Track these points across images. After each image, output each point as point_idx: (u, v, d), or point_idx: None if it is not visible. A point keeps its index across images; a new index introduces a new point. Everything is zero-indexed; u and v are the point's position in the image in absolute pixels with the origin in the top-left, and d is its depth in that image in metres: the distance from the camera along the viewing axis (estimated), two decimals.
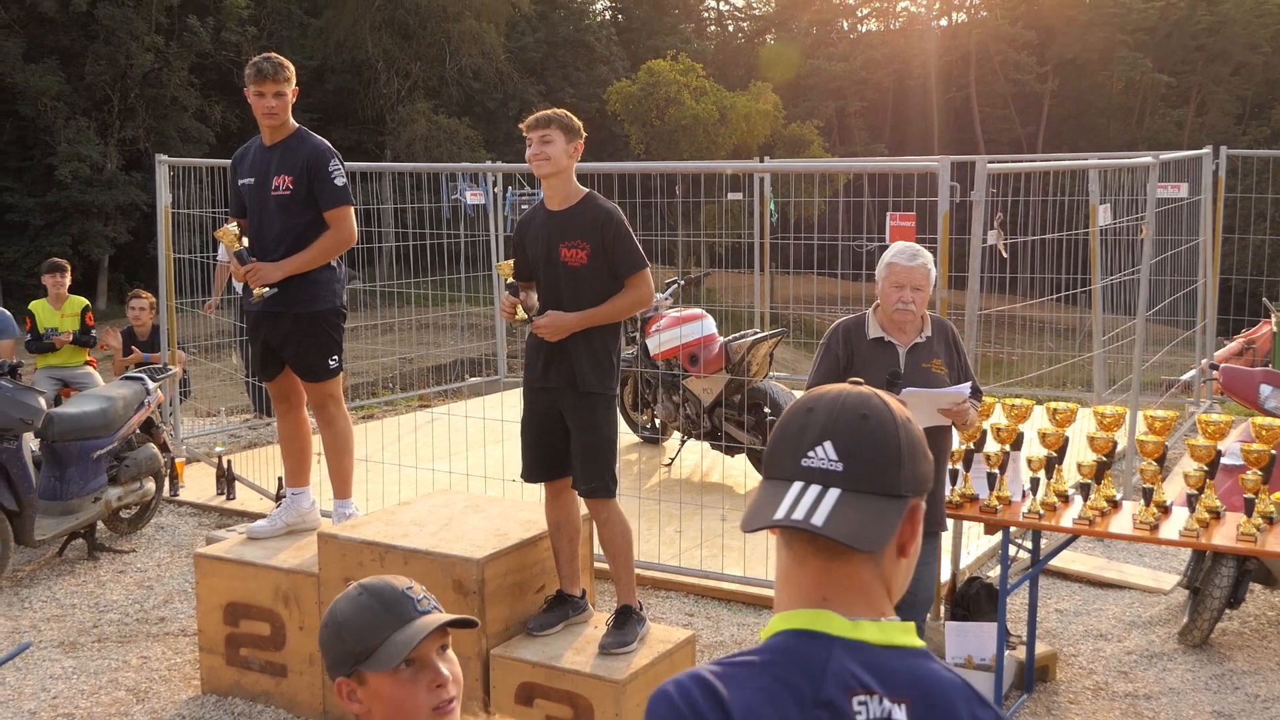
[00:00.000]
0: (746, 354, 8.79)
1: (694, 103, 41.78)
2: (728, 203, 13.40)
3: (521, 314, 5.07)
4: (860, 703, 1.63)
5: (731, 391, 8.84)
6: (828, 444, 1.68)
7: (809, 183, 17.86)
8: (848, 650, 1.66)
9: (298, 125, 6.00)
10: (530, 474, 5.18)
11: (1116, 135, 51.37)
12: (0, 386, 7.06)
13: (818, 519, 1.61)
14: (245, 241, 5.78)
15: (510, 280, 5.15)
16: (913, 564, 1.75)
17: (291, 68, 5.95)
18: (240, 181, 5.99)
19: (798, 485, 1.66)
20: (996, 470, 5.18)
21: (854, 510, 1.63)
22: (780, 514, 1.65)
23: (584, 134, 5.06)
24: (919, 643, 1.71)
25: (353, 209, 5.94)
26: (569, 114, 5.04)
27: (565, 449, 5.08)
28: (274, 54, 6.01)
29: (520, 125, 5.05)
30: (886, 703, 1.63)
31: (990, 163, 6.41)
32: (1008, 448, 5.25)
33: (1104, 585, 7.11)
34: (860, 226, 11.61)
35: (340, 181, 5.87)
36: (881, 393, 1.78)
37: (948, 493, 5.24)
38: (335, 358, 6.01)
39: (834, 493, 1.64)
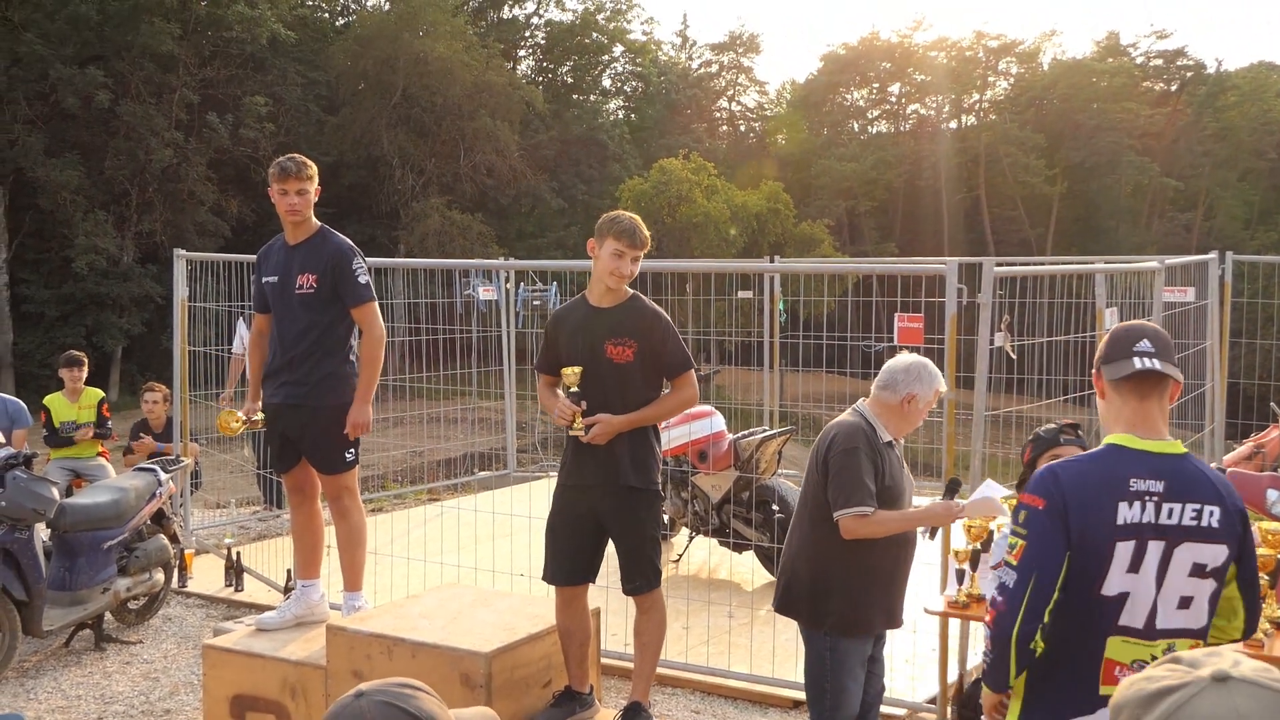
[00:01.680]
0: (755, 451, 8.83)
1: (705, 201, 42.25)
2: (738, 300, 13.52)
3: (579, 425, 5.02)
4: (1135, 480, 2.98)
5: (740, 489, 8.86)
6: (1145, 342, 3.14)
7: (819, 282, 18.02)
8: (1138, 455, 3.05)
9: (320, 224, 6.13)
10: (554, 574, 5.16)
11: (1125, 238, 51.72)
12: (15, 477, 7.11)
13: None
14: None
15: (574, 389, 5.08)
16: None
17: (314, 167, 6.09)
18: (264, 280, 6.11)
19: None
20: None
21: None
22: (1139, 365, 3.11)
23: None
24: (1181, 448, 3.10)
25: (377, 304, 6.06)
26: (649, 237, 5.11)
27: (593, 555, 5.11)
28: (297, 154, 6.14)
29: (621, 242, 4.99)
30: (1152, 482, 2.99)
31: (998, 265, 6.49)
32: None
33: None
34: (869, 326, 11.71)
35: (364, 279, 5.99)
36: None
37: (954, 592, 5.24)
38: (352, 450, 6.07)
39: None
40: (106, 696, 6.86)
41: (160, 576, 8.14)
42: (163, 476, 8.20)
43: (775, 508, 8.72)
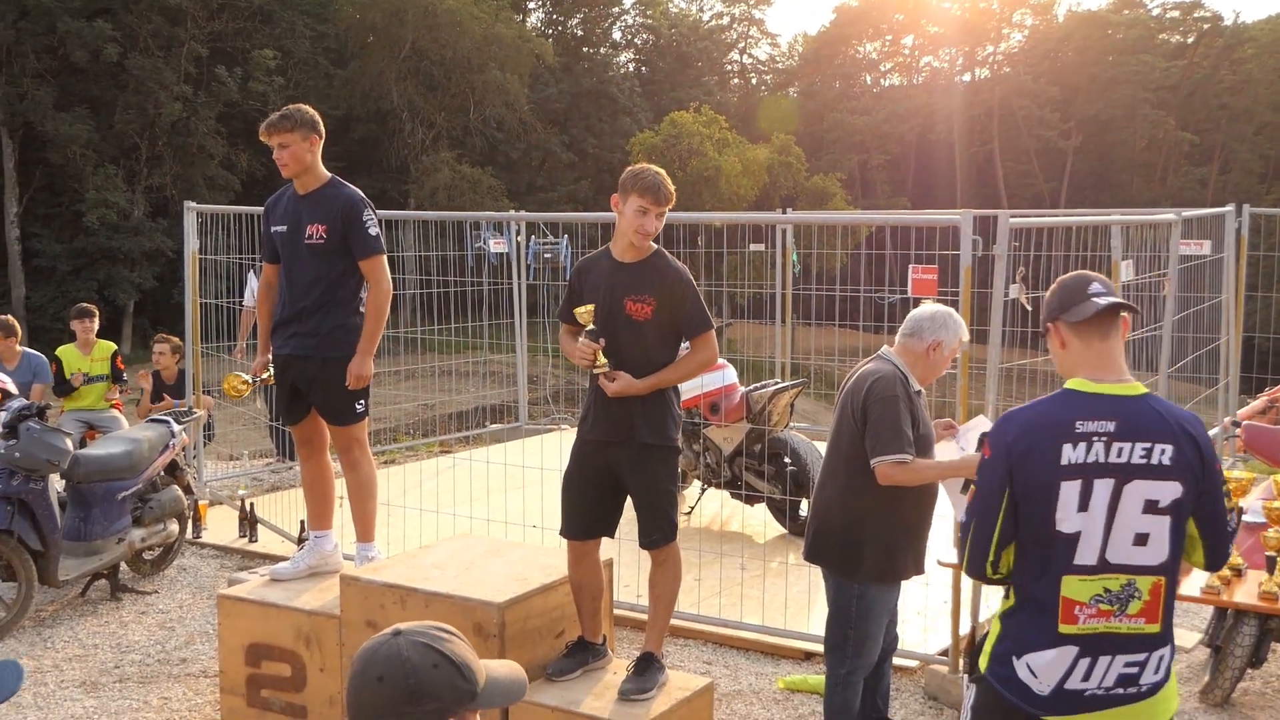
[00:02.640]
0: (768, 404, 8.82)
1: (716, 154, 42.07)
2: (750, 254, 13.48)
3: (602, 360, 4.94)
4: (1081, 422, 3.12)
5: (752, 441, 8.86)
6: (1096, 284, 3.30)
7: (831, 235, 17.95)
8: (1091, 398, 3.17)
9: (330, 175, 6.08)
10: (570, 528, 5.13)
11: (1140, 192, 51.46)
12: (28, 428, 7.14)
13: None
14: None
15: (591, 326, 5.00)
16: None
17: (299, 118, 5.93)
18: (273, 229, 6.07)
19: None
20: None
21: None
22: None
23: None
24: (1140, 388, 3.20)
25: (385, 257, 6.02)
26: (673, 191, 5.02)
27: (609, 509, 5.09)
28: (291, 106, 6.04)
29: (645, 199, 4.88)
30: (1102, 423, 3.12)
31: (1013, 217, 6.44)
32: None
33: None
34: (882, 279, 11.66)
35: (374, 231, 5.95)
36: None
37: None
38: (362, 402, 6.07)
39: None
40: (123, 645, 6.91)
41: (174, 527, 8.18)
42: (175, 428, 8.22)
43: (787, 460, 8.72)
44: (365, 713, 2.10)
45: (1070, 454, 3.12)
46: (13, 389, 8.05)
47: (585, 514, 5.09)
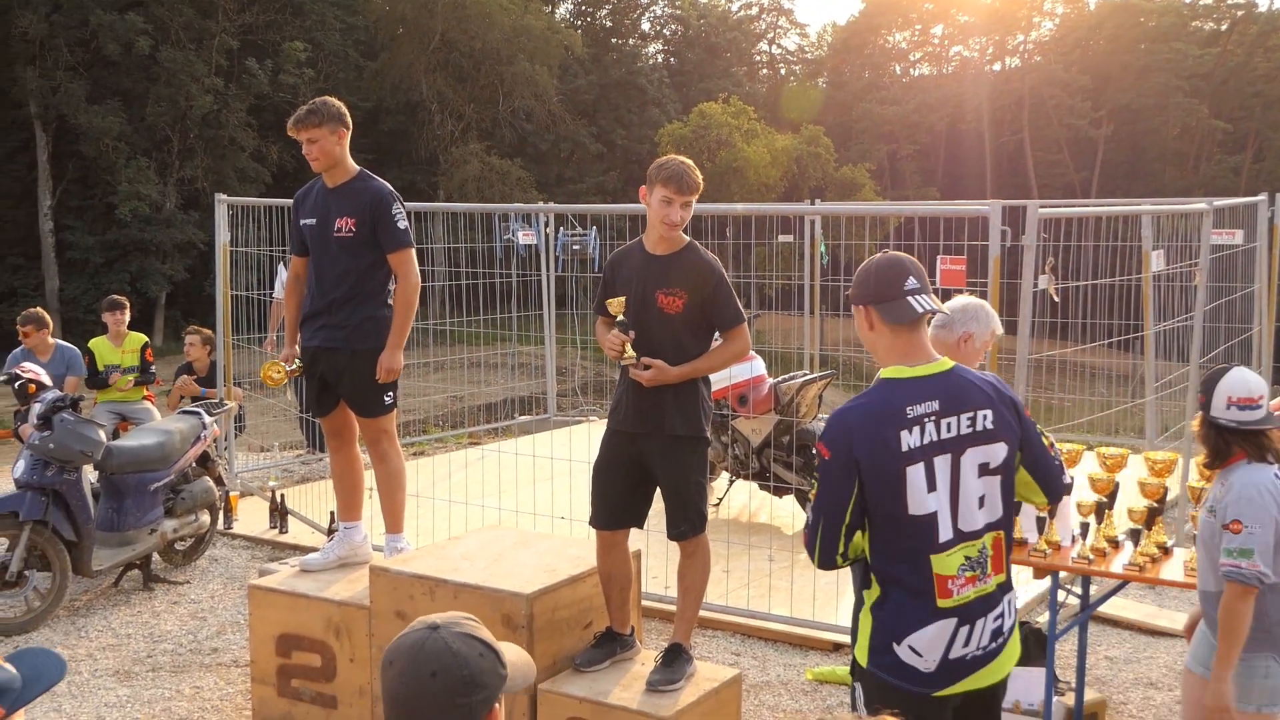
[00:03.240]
0: (796, 395, 8.81)
1: (745, 145, 41.98)
2: (778, 245, 13.44)
3: (630, 353, 4.93)
4: (910, 408, 3.25)
5: (780, 432, 8.85)
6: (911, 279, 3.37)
7: (860, 225, 17.88)
8: (911, 383, 3.31)
9: (359, 168, 6.10)
10: (600, 519, 5.14)
11: (1172, 181, 51.05)
12: (62, 419, 7.21)
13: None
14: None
15: (621, 318, 4.99)
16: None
17: (326, 112, 5.94)
18: (302, 221, 6.10)
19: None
20: (1046, 515, 5.16)
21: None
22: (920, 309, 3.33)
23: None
24: (948, 364, 3.38)
25: (414, 251, 6.04)
26: (699, 181, 5.00)
27: (638, 500, 5.10)
28: (319, 100, 6.04)
29: (669, 188, 4.85)
30: (928, 404, 3.26)
31: (1042, 207, 6.41)
32: None
33: (1154, 633, 7.04)
34: None
35: (402, 224, 5.97)
36: None
37: None
38: (390, 394, 6.09)
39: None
40: (155, 635, 6.97)
41: (206, 518, 8.25)
42: (207, 420, 8.28)
43: (814, 451, 8.70)
44: (422, 709, 2.11)
45: (908, 439, 3.26)
46: (47, 381, 8.12)
47: (614, 504, 5.10)
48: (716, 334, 5.12)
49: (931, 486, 3.27)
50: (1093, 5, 60.94)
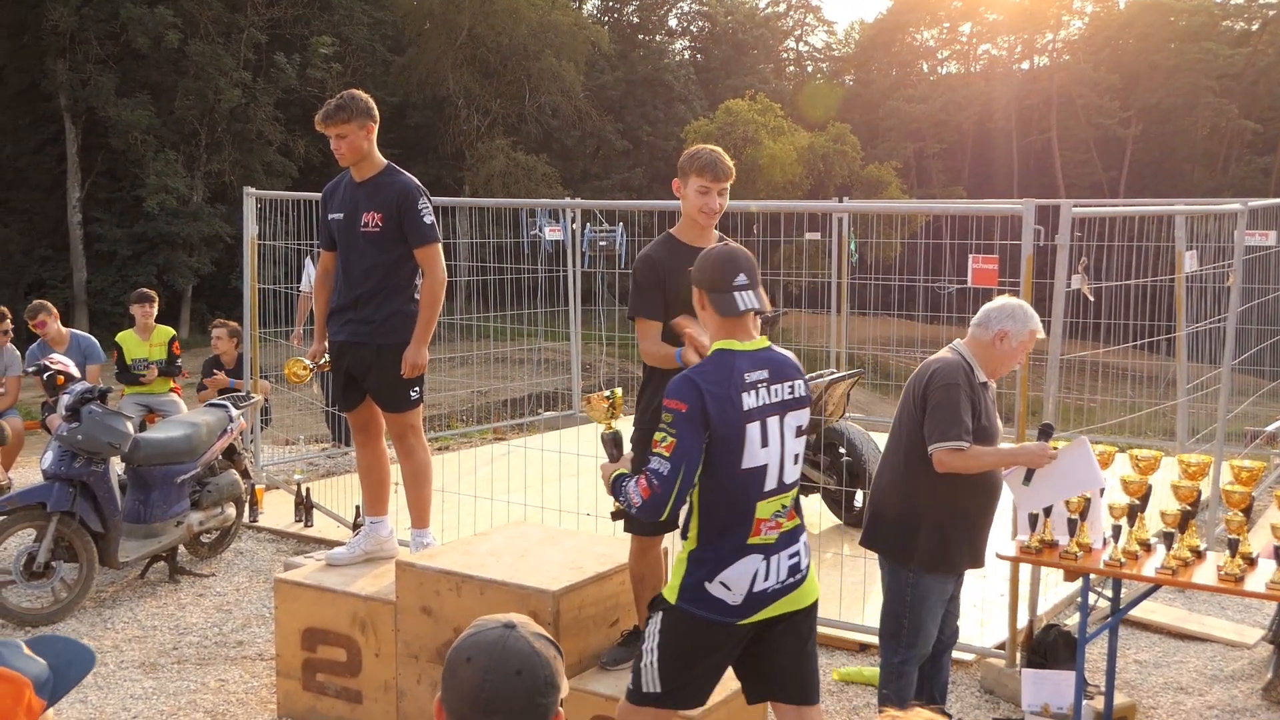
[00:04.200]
0: (823, 394, 8.76)
1: (771, 142, 41.88)
2: (805, 243, 13.40)
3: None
4: (747, 374, 3.78)
5: (807, 431, 8.80)
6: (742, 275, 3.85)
7: (888, 224, 17.80)
8: (743, 354, 3.82)
9: (386, 162, 6.08)
10: (636, 523, 5.07)
11: (1201, 181, 50.70)
12: (90, 411, 7.23)
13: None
14: None
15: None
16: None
17: (355, 107, 5.91)
18: (330, 216, 6.09)
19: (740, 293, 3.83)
20: (1077, 516, 5.11)
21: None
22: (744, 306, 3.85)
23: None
24: (766, 341, 3.93)
25: (440, 246, 6.02)
26: (732, 166, 4.94)
27: None
28: (346, 94, 6.00)
29: (704, 177, 4.80)
30: (760, 372, 3.81)
31: (1075, 206, 6.35)
32: (1089, 494, 5.18)
33: (1185, 637, 6.97)
34: (939, 268, 11.55)
35: (429, 219, 5.96)
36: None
37: (1025, 538, 5.19)
38: (416, 389, 6.08)
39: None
40: (181, 627, 6.99)
41: (232, 511, 8.26)
42: (234, 413, 8.29)
43: (842, 451, 8.66)
44: (502, 707, 2.13)
45: (748, 400, 3.79)
46: (75, 372, 8.16)
47: None
48: None
49: (764, 443, 3.80)
50: (1123, 4, 60.56)
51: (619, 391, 4.42)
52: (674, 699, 3.97)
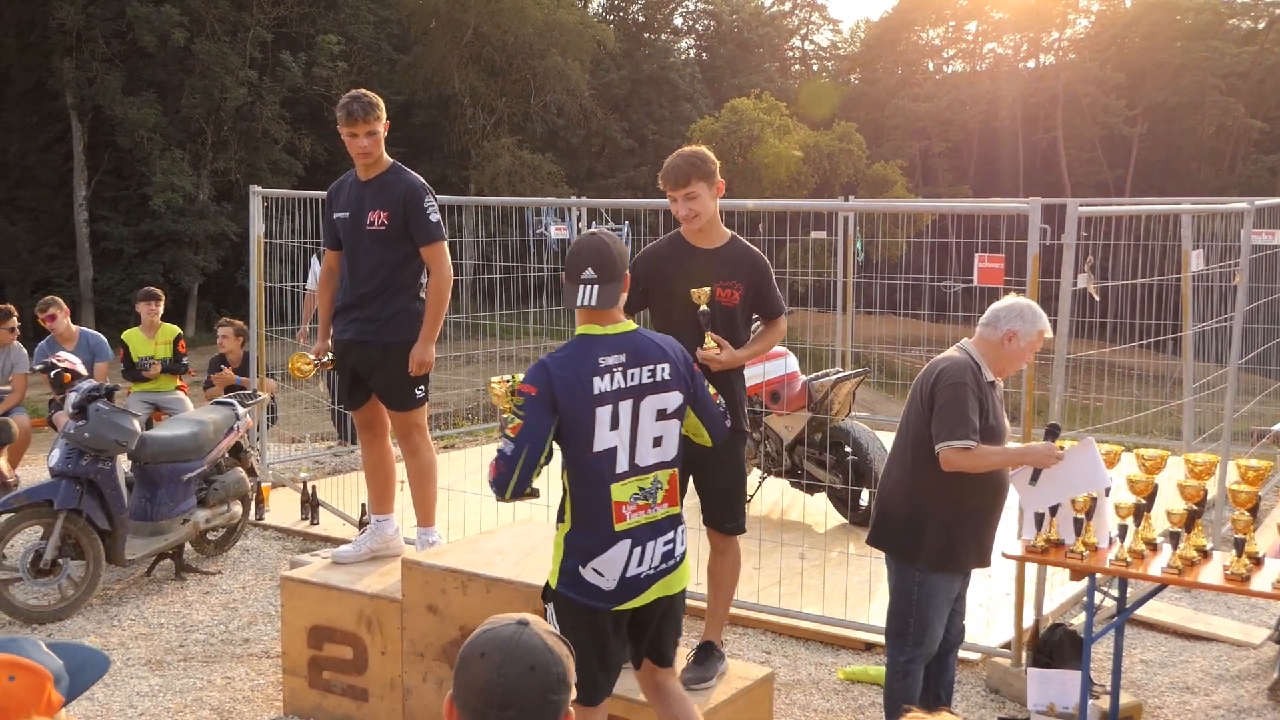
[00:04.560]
0: (829, 393, 8.76)
1: (777, 141, 41.85)
2: (811, 241, 13.39)
3: (711, 343, 4.85)
4: (603, 359, 3.88)
5: (813, 430, 8.81)
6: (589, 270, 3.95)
7: (893, 223, 17.79)
8: (602, 339, 3.95)
9: (392, 161, 6.09)
10: None
11: (1207, 180, 50.61)
12: (97, 409, 7.24)
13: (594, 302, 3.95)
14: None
15: (705, 308, 4.91)
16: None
17: (381, 104, 5.98)
18: (335, 215, 6.10)
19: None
20: (1083, 516, 5.11)
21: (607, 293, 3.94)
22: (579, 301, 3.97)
23: (718, 165, 5.03)
24: (633, 325, 4.04)
25: (446, 244, 6.03)
26: (704, 155, 4.95)
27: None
28: (364, 92, 6.01)
29: (661, 183, 4.94)
30: (617, 356, 3.90)
31: (1081, 205, 6.35)
32: (1095, 493, 5.18)
33: (1191, 637, 6.97)
34: (945, 268, 11.54)
35: (435, 218, 5.96)
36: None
37: (1031, 537, 5.18)
38: (421, 388, 6.09)
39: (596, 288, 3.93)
40: (187, 625, 7.00)
41: (238, 509, 8.28)
42: (240, 410, 8.31)
43: (848, 449, 8.67)
44: (515, 701, 2.14)
45: (599, 385, 3.88)
46: (82, 370, 8.17)
47: None
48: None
49: (614, 425, 3.90)
50: (1129, 2, 60.42)
51: (519, 376, 4.47)
52: (594, 693, 4.02)
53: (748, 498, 9.18)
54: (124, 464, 7.59)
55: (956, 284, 10.52)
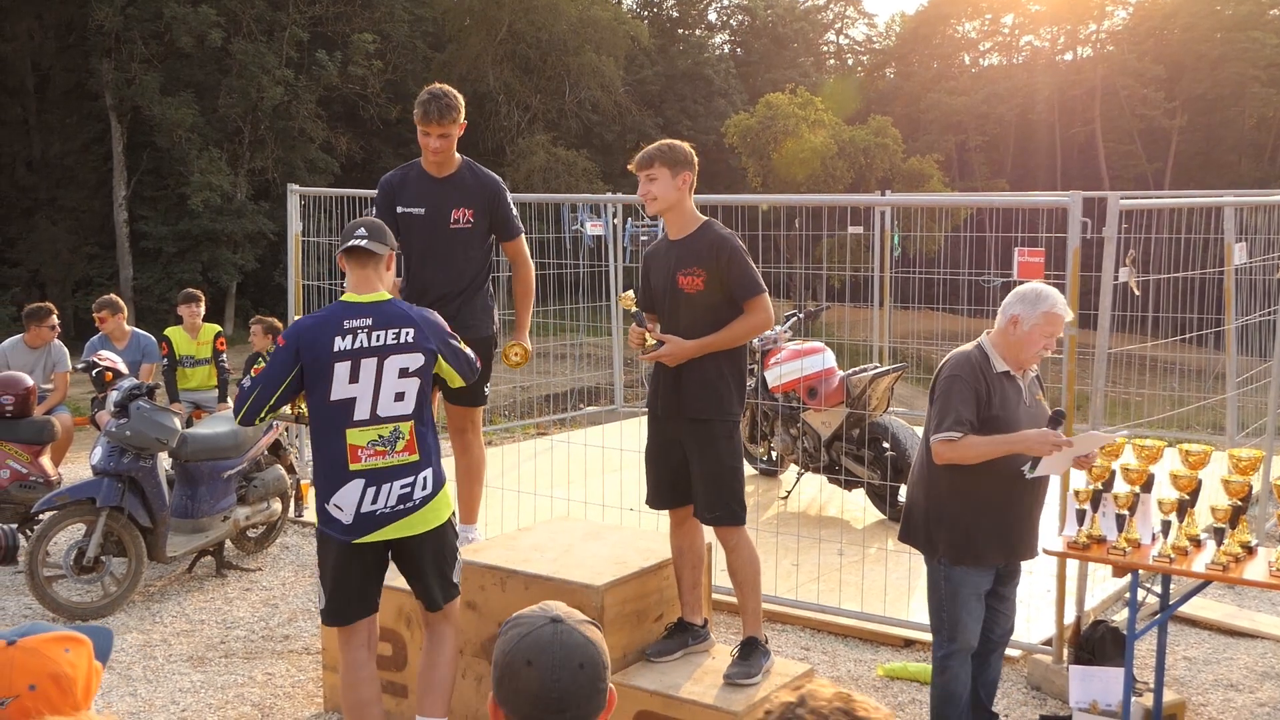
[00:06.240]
0: (867, 388, 8.73)
1: (811, 136, 41.70)
2: (847, 236, 13.35)
3: (651, 342, 5.01)
4: (348, 321, 4.42)
5: (850, 425, 8.77)
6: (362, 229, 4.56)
7: (931, 217, 17.69)
8: (356, 305, 4.49)
9: (462, 157, 6.08)
10: (653, 500, 5.22)
11: (1248, 172, 50.02)
12: (139, 407, 7.30)
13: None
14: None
15: (635, 310, 5.14)
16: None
17: (460, 107, 5.89)
18: (402, 209, 6.03)
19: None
20: (1126, 512, 5.06)
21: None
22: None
23: (694, 161, 5.04)
24: (387, 296, 4.56)
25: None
26: (675, 145, 5.01)
27: (687, 477, 5.08)
28: (444, 92, 5.88)
29: (629, 165, 5.09)
30: (363, 320, 4.44)
31: (1122, 199, 6.29)
32: (1138, 489, 5.13)
33: (1235, 634, 6.89)
34: (983, 262, 11.47)
35: (515, 213, 6.08)
36: None
37: (1073, 533, 5.14)
38: (488, 386, 6.15)
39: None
40: (228, 621, 7.04)
41: (278, 506, 8.32)
42: None
43: (886, 445, 8.62)
44: (572, 701, 2.16)
45: (340, 344, 4.40)
46: (123, 369, 8.24)
47: (661, 484, 5.16)
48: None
49: (354, 379, 4.39)
50: None
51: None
52: (333, 615, 4.63)
53: (784, 494, 9.20)
54: (165, 462, 7.65)
55: (995, 278, 10.44)
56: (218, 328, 10.79)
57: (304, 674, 6.28)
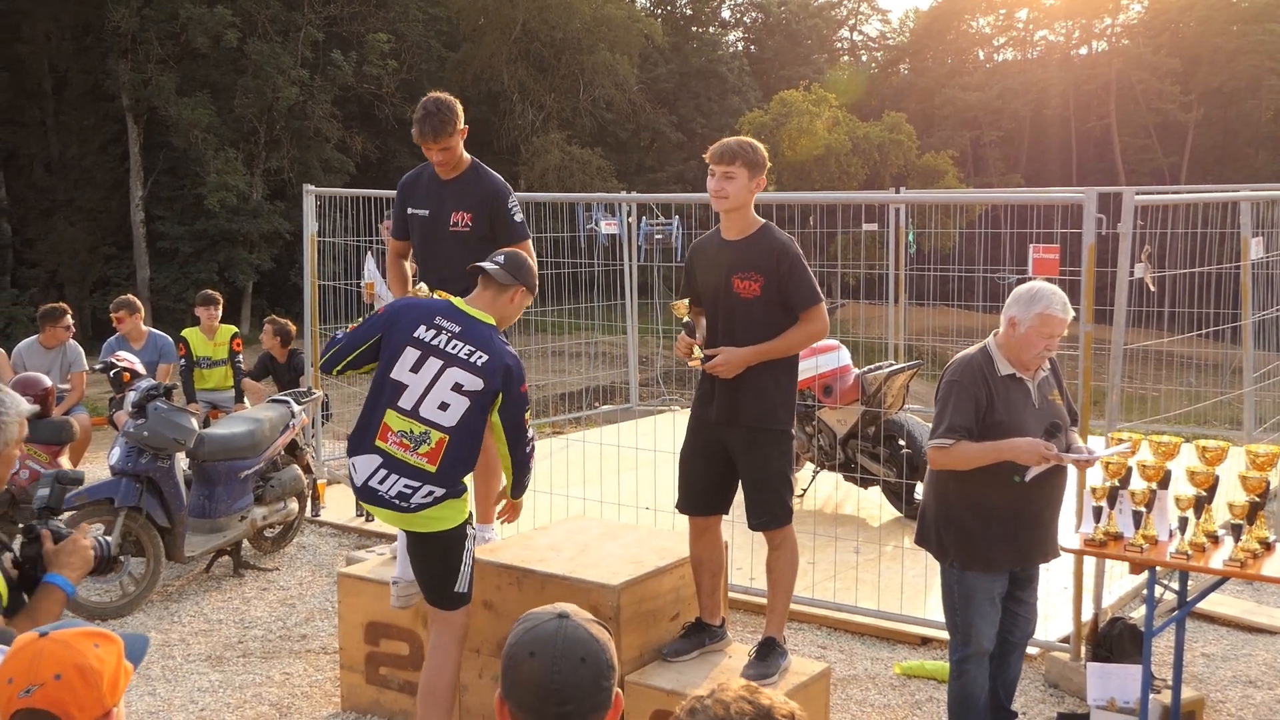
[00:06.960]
0: (883, 385, 8.71)
1: (826, 133, 41.63)
2: (862, 233, 13.34)
3: (698, 354, 4.97)
4: (440, 319, 4.67)
5: (866, 423, 8.76)
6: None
7: (945, 214, 17.64)
8: (458, 311, 4.74)
9: (471, 159, 6.08)
10: (685, 505, 5.17)
11: (1265, 166, 49.78)
12: (156, 407, 7.33)
13: None
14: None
15: (687, 319, 5.06)
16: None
17: (456, 119, 5.86)
18: (411, 210, 6.08)
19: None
20: (1143, 508, 5.04)
21: None
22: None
23: (768, 165, 5.01)
24: (491, 321, 4.75)
25: (531, 241, 6.07)
26: (757, 147, 4.94)
27: (722, 487, 5.08)
28: (438, 106, 5.85)
29: (705, 155, 4.98)
30: (453, 325, 4.67)
31: (1138, 194, 6.27)
32: (1155, 486, 5.11)
33: (1254, 630, 6.87)
34: (998, 258, 11.44)
35: (519, 217, 6.00)
36: None
37: (1090, 530, 5.12)
38: None
39: None
40: (246, 621, 7.07)
41: (294, 505, 8.35)
42: (295, 408, 8.37)
43: (902, 443, 8.61)
44: (573, 695, 2.17)
45: (422, 333, 4.62)
46: (140, 369, 8.27)
47: (698, 490, 5.11)
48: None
49: (415, 370, 4.58)
50: None
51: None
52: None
53: (800, 492, 9.19)
54: (182, 462, 7.68)
55: (1010, 274, 10.41)
56: (234, 329, 10.84)
57: (321, 673, 6.31)
